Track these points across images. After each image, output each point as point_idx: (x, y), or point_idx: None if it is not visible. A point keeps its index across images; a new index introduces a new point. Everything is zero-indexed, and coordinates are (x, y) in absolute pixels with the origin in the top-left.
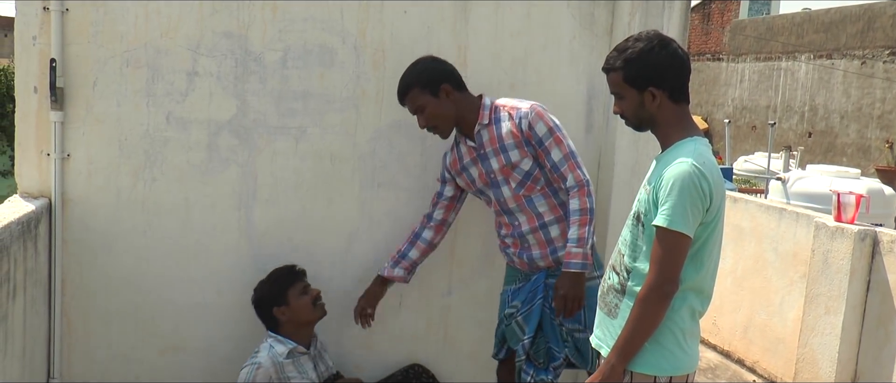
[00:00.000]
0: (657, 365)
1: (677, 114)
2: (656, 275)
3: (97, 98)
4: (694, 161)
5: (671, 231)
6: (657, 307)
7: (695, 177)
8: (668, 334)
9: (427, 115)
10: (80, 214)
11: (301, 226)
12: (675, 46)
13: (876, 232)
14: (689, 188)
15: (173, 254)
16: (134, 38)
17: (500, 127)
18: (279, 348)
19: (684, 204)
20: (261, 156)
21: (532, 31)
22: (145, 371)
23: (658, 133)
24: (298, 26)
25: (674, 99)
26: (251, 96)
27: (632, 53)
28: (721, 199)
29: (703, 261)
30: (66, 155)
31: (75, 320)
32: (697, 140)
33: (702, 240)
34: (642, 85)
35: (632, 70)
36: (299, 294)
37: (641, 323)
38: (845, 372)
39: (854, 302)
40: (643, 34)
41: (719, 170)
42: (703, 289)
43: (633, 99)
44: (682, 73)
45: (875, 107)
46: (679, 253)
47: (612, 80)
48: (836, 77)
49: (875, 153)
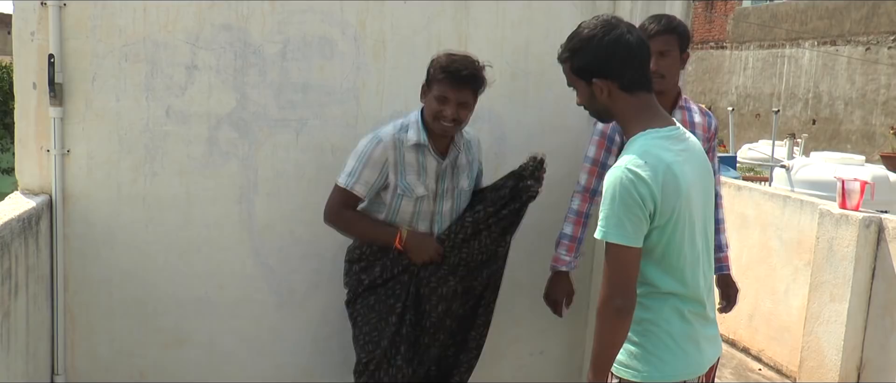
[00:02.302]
0: (645, 372)
1: (634, 105)
2: (604, 290)
3: (96, 93)
4: (628, 165)
5: (609, 243)
6: (613, 321)
7: (627, 182)
8: (656, 339)
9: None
10: (82, 210)
11: (303, 219)
12: (621, 31)
13: (881, 218)
14: (621, 196)
15: (175, 248)
16: (132, 32)
17: (692, 114)
18: (410, 133)
19: (618, 213)
20: (261, 149)
21: (533, 21)
22: (149, 365)
23: (620, 125)
24: (297, 18)
25: (627, 89)
26: (251, 89)
27: (576, 42)
28: (676, 197)
29: (670, 263)
30: (66, 151)
31: (78, 316)
32: (649, 134)
33: (662, 244)
34: (587, 76)
35: (576, 60)
36: (436, 96)
37: (602, 337)
38: (851, 359)
39: (859, 290)
40: (591, 20)
41: (679, 164)
42: (684, 291)
43: (583, 91)
44: (632, 60)
45: (880, 94)
46: (622, 265)
47: (564, 72)
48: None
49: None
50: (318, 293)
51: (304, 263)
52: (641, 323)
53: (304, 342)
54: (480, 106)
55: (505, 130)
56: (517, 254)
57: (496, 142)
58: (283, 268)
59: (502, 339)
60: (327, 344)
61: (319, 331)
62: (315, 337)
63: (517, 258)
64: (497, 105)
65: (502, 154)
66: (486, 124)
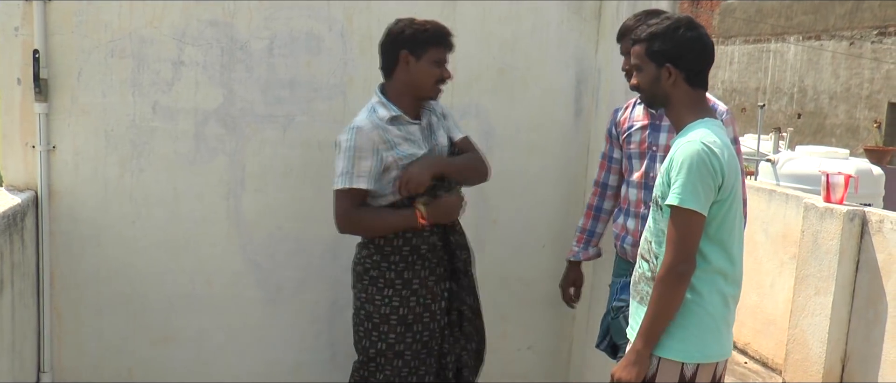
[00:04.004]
0: (685, 351)
1: (692, 97)
2: (671, 255)
3: (82, 89)
4: (703, 140)
5: (683, 209)
6: (675, 287)
7: (704, 154)
8: (697, 319)
9: None
10: (68, 206)
11: (290, 215)
12: (702, 32)
13: (864, 212)
14: (698, 166)
15: (162, 244)
16: (119, 27)
17: None
18: (381, 111)
19: (694, 181)
20: (248, 145)
21: (520, 16)
22: (137, 362)
23: (670, 114)
24: (284, 14)
25: (690, 82)
26: (238, 85)
27: (658, 28)
28: (735, 178)
29: (723, 240)
30: (51, 147)
31: (65, 313)
32: (709, 121)
33: (719, 218)
34: (661, 60)
35: (654, 44)
36: (433, 61)
37: (661, 305)
38: (835, 352)
39: (843, 283)
40: (675, 15)
41: (732, 150)
42: (731, 271)
43: (650, 73)
44: (704, 58)
45: (863, 88)
46: (692, 231)
47: (635, 52)
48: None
49: (863, 133)
50: (305, 289)
51: (291, 259)
52: (686, 303)
53: (292, 338)
54: (468, 101)
55: (492, 125)
56: (504, 250)
57: (483, 137)
58: (271, 264)
59: (490, 335)
60: (316, 340)
61: (308, 328)
62: (303, 333)
63: (504, 253)
64: (484, 100)
65: (489, 149)
66: (474, 119)
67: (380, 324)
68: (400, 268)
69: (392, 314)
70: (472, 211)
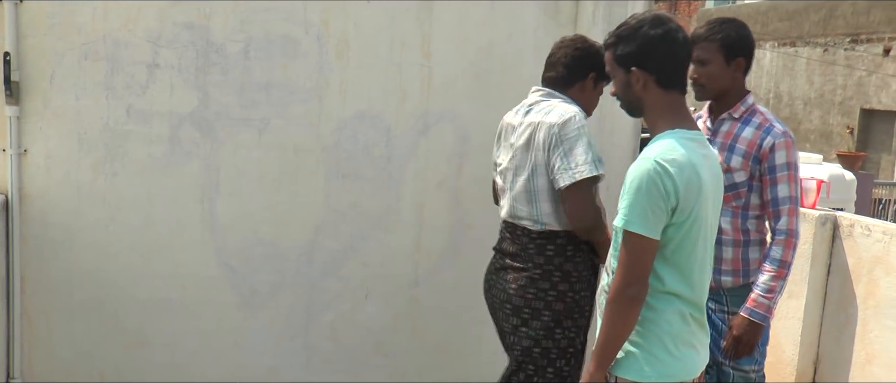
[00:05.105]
0: (640, 370)
1: (666, 101)
2: (620, 278)
3: (55, 92)
4: (658, 157)
5: (629, 232)
6: (626, 311)
7: (654, 174)
8: (654, 339)
9: (707, 72)
10: (39, 210)
11: (265, 219)
12: (671, 27)
13: (836, 216)
14: (647, 187)
15: (136, 248)
16: (92, 29)
17: (743, 128)
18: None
19: (642, 203)
20: (223, 149)
21: (496, 21)
22: (110, 367)
23: (647, 121)
24: (260, 17)
25: (663, 85)
26: (213, 88)
27: (624, 30)
28: (696, 197)
29: (679, 263)
30: (23, 150)
31: (36, 318)
32: (678, 133)
33: (676, 241)
34: (627, 63)
35: (621, 47)
36: (600, 93)
37: (611, 328)
38: (808, 353)
39: (815, 286)
40: (642, 13)
41: (702, 167)
42: (689, 293)
43: (620, 79)
44: (675, 57)
45: (836, 94)
46: (639, 255)
47: (606, 59)
48: (800, 64)
49: (836, 139)
50: (280, 293)
51: (266, 263)
52: (643, 322)
53: (267, 342)
54: (443, 106)
55: (468, 130)
56: (479, 255)
57: (459, 143)
58: (246, 268)
59: (465, 339)
60: (291, 344)
61: (282, 331)
62: (278, 337)
63: (480, 258)
64: (460, 105)
65: (465, 154)
66: (449, 124)
67: (578, 319)
68: (578, 259)
69: (586, 305)
70: (448, 216)
